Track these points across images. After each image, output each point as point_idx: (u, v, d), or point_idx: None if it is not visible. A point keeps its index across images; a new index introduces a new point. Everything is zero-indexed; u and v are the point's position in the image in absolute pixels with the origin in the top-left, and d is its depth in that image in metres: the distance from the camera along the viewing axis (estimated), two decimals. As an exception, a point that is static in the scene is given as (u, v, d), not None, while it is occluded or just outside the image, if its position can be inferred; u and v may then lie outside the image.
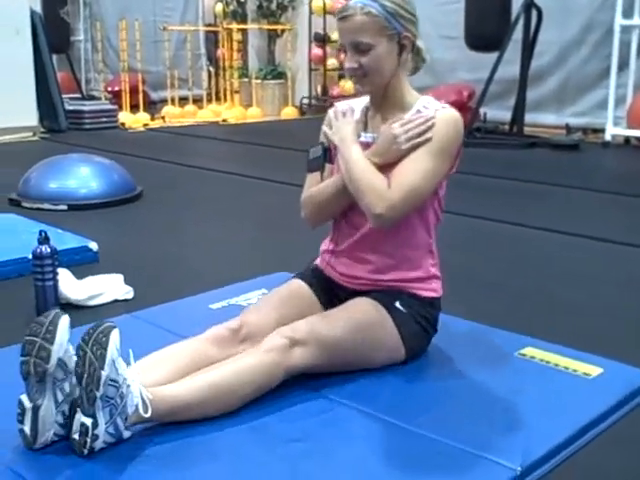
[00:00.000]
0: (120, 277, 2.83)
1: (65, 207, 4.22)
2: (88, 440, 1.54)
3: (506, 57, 6.93)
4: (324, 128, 2.03)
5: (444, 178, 1.93)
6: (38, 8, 7.98)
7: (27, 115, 7.34)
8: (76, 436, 1.56)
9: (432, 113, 1.88)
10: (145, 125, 8.54)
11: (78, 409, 1.56)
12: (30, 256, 2.87)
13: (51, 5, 9.42)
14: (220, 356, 1.82)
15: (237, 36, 9.72)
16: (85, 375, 1.54)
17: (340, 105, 2.06)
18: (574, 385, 1.93)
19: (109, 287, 2.74)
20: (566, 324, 2.55)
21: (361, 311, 1.92)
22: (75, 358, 1.59)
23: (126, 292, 2.76)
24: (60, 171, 4.44)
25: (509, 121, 7.31)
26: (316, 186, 2.01)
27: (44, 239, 2.58)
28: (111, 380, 1.55)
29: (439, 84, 8.29)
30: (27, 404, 1.58)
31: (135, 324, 2.38)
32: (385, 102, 1.96)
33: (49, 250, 2.57)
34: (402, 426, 1.70)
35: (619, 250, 3.55)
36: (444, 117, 1.87)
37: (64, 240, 3.22)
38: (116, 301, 2.72)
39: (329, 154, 1.99)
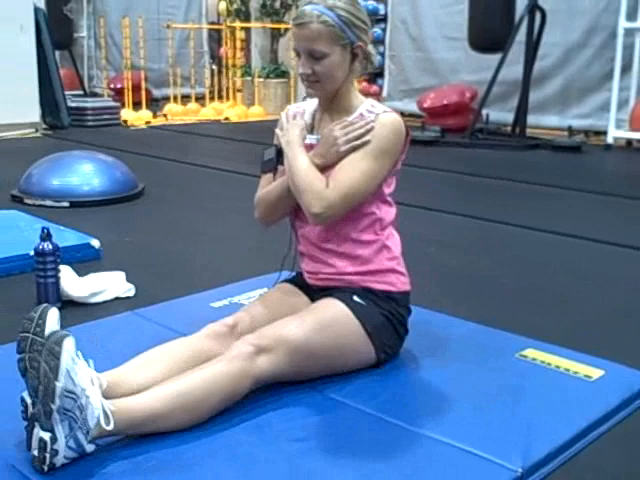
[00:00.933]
0: (122, 274, 2.83)
1: (67, 204, 4.22)
2: (47, 456, 1.49)
3: (509, 58, 6.94)
4: (277, 130, 2.06)
5: (384, 177, 1.96)
6: (42, 4, 7.97)
7: (29, 111, 7.35)
8: (35, 452, 1.51)
9: (373, 117, 1.93)
10: (147, 123, 8.54)
11: (36, 424, 1.51)
12: (32, 253, 2.88)
13: (55, 1, 9.43)
14: (219, 351, 1.81)
15: (240, 34, 9.72)
16: (41, 387, 1.50)
17: (292, 108, 2.12)
18: (575, 387, 1.93)
19: (111, 284, 2.74)
20: (567, 326, 2.55)
21: (322, 310, 1.92)
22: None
23: (128, 290, 2.76)
24: (62, 168, 4.44)
25: (511, 123, 7.32)
26: (268, 187, 2.06)
27: (46, 236, 2.58)
28: (67, 391, 1.50)
29: (442, 84, 8.31)
30: (29, 400, 1.57)
31: (137, 321, 2.39)
32: (332, 105, 2.01)
33: (51, 247, 2.58)
34: (403, 426, 1.71)
35: (620, 252, 3.55)
36: (384, 120, 1.92)
37: (66, 237, 3.22)
38: (118, 298, 2.73)
39: (281, 156, 2.02)
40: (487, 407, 1.81)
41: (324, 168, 1.93)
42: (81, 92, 10.40)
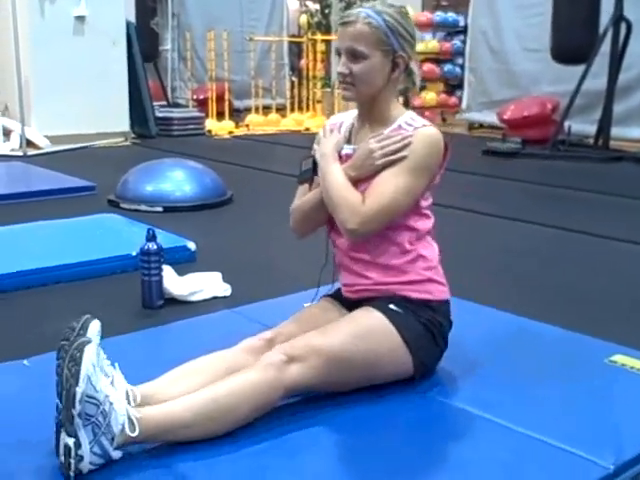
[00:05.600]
0: (218, 275, 2.98)
1: (161, 209, 4.42)
2: (72, 461, 1.49)
3: (592, 69, 6.87)
4: (314, 144, 2.04)
5: (421, 193, 1.92)
6: (132, 19, 8.30)
7: (120, 121, 7.67)
8: (62, 458, 1.51)
9: (411, 131, 1.89)
10: (230, 132, 8.78)
11: (62, 429, 1.52)
12: (133, 253, 3.06)
13: (143, 16, 9.79)
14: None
15: (321, 47, 9.89)
16: (63, 393, 1.51)
17: (331, 121, 2.10)
18: (666, 392, 1.96)
19: (208, 284, 2.89)
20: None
21: (357, 319, 1.89)
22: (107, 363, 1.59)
23: (224, 289, 2.91)
24: (156, 175, 4.65)
25: (594, 134, 7.24)
26: (303, 197, 2.04)
27: (152, 237, 2.74)
28: (88, 396, 1.50)
29: (522, 96, 8.27)
30: None
31: (235, 318, 2.51)
32: (371, 116, 1.97)
33: (156, 247, 2.74)
34: (496, 422, 1.78)
35: None
36: (422, 135, 1.88)
37: (164, 239, 3.37)
38: (215, 298, 2.87)
39: (318, 167, 1.99)
40: (578, 408, 1.86)
41: (358, 180, 1.90)
42: (164, 103, 10.74)
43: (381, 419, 1.80)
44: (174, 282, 2.83)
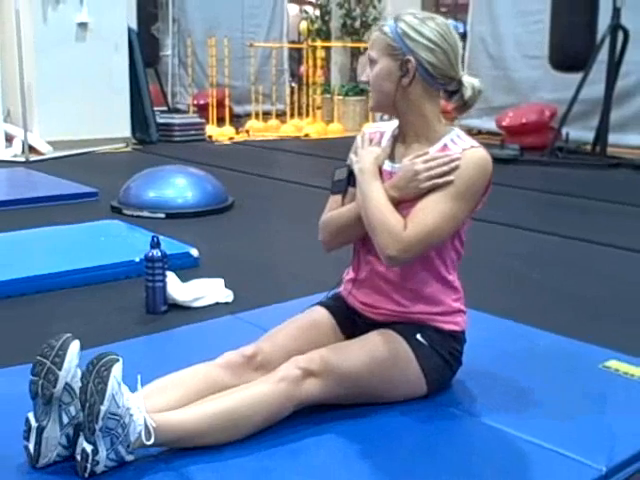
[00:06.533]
0: (221, 281, 3.03)
1: (163, 215, 4.47)
2: (89, 465, 1.56)
3: (590, 77, 6.93)
4: (351, 155, 1.96)
5: (465, 219, 1.86)
6: (134, 25, 8.35)
7: (121, 127, 7.71)
8: (78, 457, 1.58)
9: (459, 152, 1.80)
10: (230, 138, 8.83)
11: (81, 433, 1.58)
12: (137, 259, 3.11)
13: (144, 22, 9.84)
14: (232, 382, 1.79)
15: (321, 53, 9.96)
16: (87, 405, 1.55)
17: (369, 130, 2.00)
18: (658, 397, 2.01)
19: (211, 290, 2.95)
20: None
21: (379, 343, 1.85)
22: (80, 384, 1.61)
23: (226, 295, 2.96)
24: (158, 181, 4.71)
25: (592, 141, 7.29)
26: (336, 209, 1.95)
27: (156, 244, 2.79)
28: (111, 414, 1.55)
29: (520, 103, 8.34)
30: (33, 423, 1.61)
31: (238, 324, 2.56)
32: (409, 130, 1.89)
33: (160, 254, 2.79)
34: (496, 427, 1.83)
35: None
36: (470, 158, 1.79)
37: (166, 246, 3.42)
38: (217, 303, 2.92)
39: (353, 178, 1.90)
40: (573, 412, 1.91)
41: (400, 202, 1.82)
42: (165, 108, 10.80)
43: (383, 424, 1.84)
44: (177, 288, 2.88)
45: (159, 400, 1.72)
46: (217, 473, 1.63)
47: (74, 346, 1.62)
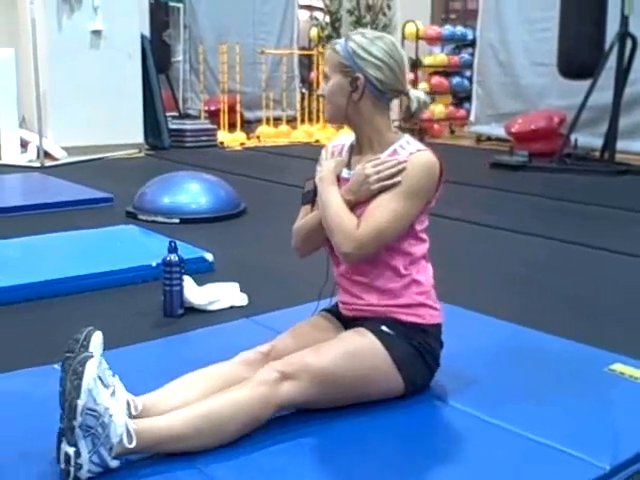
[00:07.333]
0: (236, 285, 3.11)
1: (177, 220, 4.55)
2: (72, 469, 1.58)
3: (599, 84, 6.98)
4: (317, 166, 2.11)
5: (416, 216, 1.97)
6: (146, 32, 8.46)
7: (134, 133, 7.83)
8: (62, 466, 1.61)
9: (405, 156, 1.94)
10: (242, 144, 8.92)
11: (63, 439, 1.62)
12: (154, 264, 3.19)
13: (156, 29, 9.95)
14: (250, 377, 1.84)
15: (331, 60, 10.01)
16: (66, 404, 1.60)
17: (334, 142, 2.17)
18: (661, 399, 2.07)
19: (226, 294, 3.02)
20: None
21: (350, 340, 1.94)
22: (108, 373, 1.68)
23: (242, 299, 3.03)
24: (172, 187, 4.79)
25: (600, 148, 7.34)
26: (304, 218, 2.11)
27: (173, 249, 2.87)
28: (89, 409, 1.58)
29: (529, 110, 8.39)
30: None
31: (252, 327, 2.64)
32: (363, 140, 2.04)
33: (177, 259, 2.87)
34: (502, 426, 1.90)
35: None
36: (416, 161, 1.93)
37: (182, 251, 3.50)
38: (233, 307, 3.00)
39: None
40: (578, 413, 1.98)
41: (355, 204, 1.96)
42: (176, 113, 10.89)
43: (388, 424, 1.91)
44: (194, 292, 2.95)
45: (178, 398, 1.79)
46: (234, 470, 1.69)
47: (97, 336, 1.70)
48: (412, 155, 1.95)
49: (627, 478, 1.73)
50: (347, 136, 2.15)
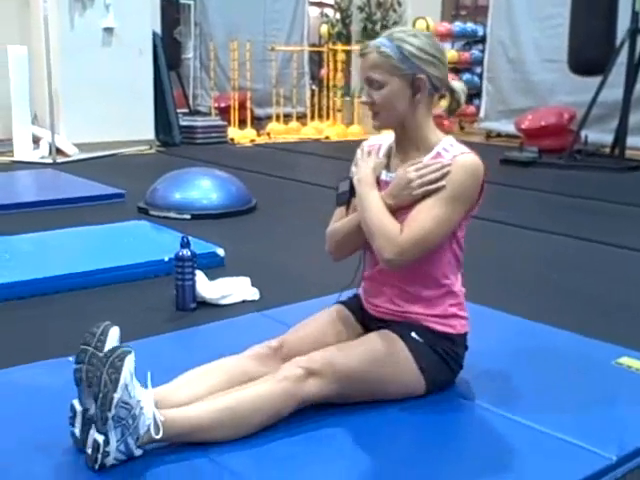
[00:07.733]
0: (247, 280, 3.14)
1: (189, 216, 4.58)
2: (99, 456, 1.63)
3: (609, 80, 6.97)
4: (352, 167, 2.05)
5: (459, 223, 1.93)
6: (158, 29, 8.50)
7: (145, 129, 7.87)
8: (89, 451, 1.65)
9: (450, 159, 1.88)
10: (252, 141, 8.95)
11: (93, 425, 1.65)
12: (166, 259, 3.23)
13: (167, 26, 10.00)
14: (260, 372, 1.88)
15: (341, 56, 10.05)
16: (100, 395, 1.63)
17: (368, 143, 2.10)
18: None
19: (238, 288, 3.05)
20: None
21: (377, 342, 1.93)
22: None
23: (253, 293, 3.07)
24: (184, 183, 4.82)
25: (611, 144, 7.33)
26: (340, 220, 2.06)
27: (186, 244, 2.90)
28: (123, 402, 1.63)
29: (539, 106, 8.39)
30: (78, 408, 1.72)
31: (264, 321, 2.67)
32: (406, 141, 1.97)
33: (189, 254, 2.90)
34: (511, 418, 1.93)
35: None
36: (461, 164, 1.87)
37: (194, 246, 3.54)
38: (244, 301, 3.03)
39: (355, 189, 1.99)
40: (586, 405, 2.01)
41: (397, 209, 1.91)
42: (186, 110, 10.94)
43: (403, 418, 1.94)
44: (206, 286, 2.99)
45: (188, 391, 1.82)
46: (248, 459, 1.73)
47: (114, 331, 1.73)
48: (456, 158, 1.89)
49: (633, 469, 1.75)
50: (383, 136, 2.08)
